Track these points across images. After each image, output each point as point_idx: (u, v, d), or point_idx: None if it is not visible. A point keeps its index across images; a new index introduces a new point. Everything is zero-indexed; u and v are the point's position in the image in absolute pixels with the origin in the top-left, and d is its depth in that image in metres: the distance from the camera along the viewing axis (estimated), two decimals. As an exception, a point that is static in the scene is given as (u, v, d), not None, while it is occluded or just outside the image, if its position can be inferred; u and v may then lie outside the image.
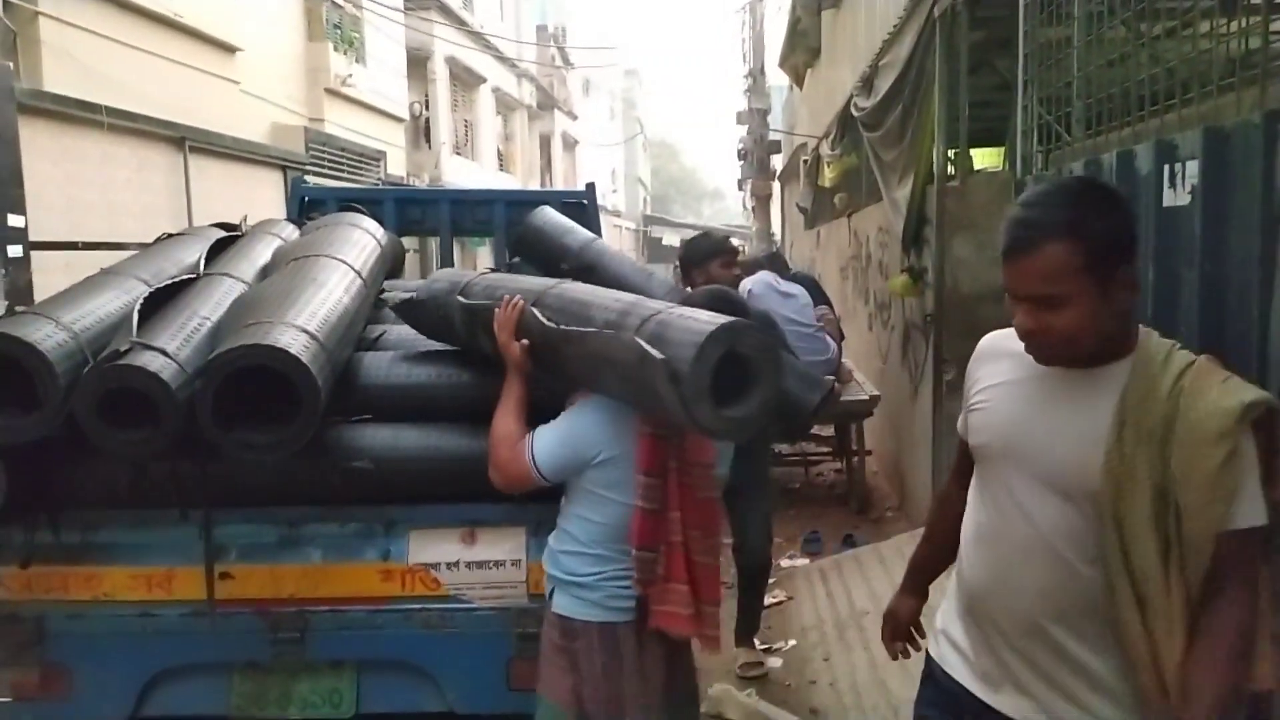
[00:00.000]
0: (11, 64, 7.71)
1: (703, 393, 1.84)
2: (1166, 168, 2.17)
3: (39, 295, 7.15)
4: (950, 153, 4.78)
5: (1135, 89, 2.51)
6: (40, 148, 7.97)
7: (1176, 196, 2.13)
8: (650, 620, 2.21)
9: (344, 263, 2.90)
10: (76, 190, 8.46)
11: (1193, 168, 2.06)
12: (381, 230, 3.50)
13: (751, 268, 6.93)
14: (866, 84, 6.43)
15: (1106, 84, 2.72)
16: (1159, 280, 2.22)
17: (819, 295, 6.86)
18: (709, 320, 1.91)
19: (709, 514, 2.27)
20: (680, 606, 2.20)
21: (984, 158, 8.60)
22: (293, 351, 2.19)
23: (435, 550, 2.55)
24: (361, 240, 3.21)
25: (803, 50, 12.89)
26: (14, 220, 7.43)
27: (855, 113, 6.70)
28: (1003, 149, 6.63)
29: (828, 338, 6.40)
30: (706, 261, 4.04)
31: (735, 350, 1.88)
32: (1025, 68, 3.33)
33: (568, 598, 2.28)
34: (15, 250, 7.44)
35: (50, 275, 7.49)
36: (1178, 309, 2.14)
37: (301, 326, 2.32)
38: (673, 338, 1.90)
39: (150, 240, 3.24)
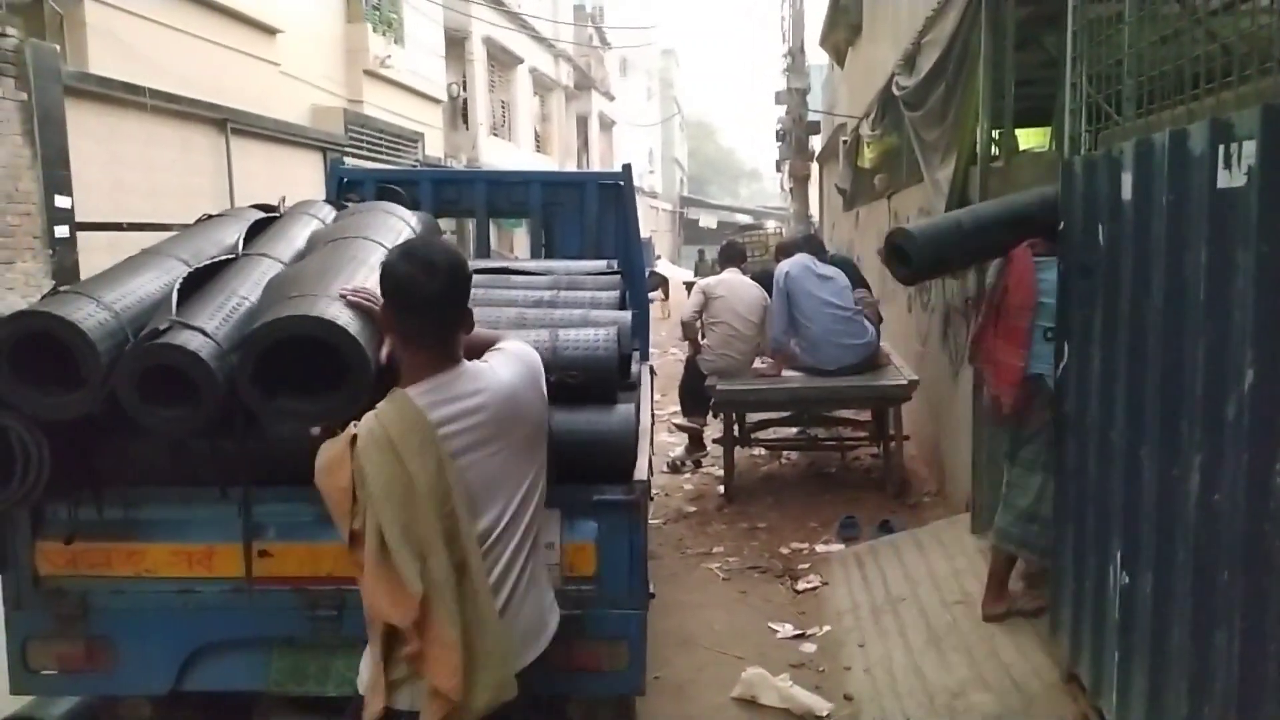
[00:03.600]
0: (58, 46, 7.83)
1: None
2: (1221, 148, 2.10)
3: (84, 275, 7.29)
4: (994, 132, 4.68)
5: (1189, 66, 2.43)
6: (86, 129, 8.11)
7: (1232, 178, 2.06)
8: None
9: (381, 245, 2.91)
10: (121, 171, 8.60)
11: (1249, 148, 1.99)
12: (415, 217, 3.50)
13: (790, 249, 6.87)
14: (909, 62, 6.31)
15: (1159, 61, 2.64)
16: (1212, 264, 2.15)
17: (857, 278, 6.79)
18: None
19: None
20: None
21: (1029, 138, 8.41)
22: (340, 323, 2.20)
23: (470, 531, 2.55)
24: (396, 226, 3.22)
25: (844, 28, 12.69)
26: (61, 201, 7.58)
27: (897, 91, 6.59)
28: (1049, 129, 6.48)
29: (866, 321, 6.34)
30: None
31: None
32: (1074, 44, 3.24)
33: None
34: (62, 231, 7.60)
35: (94, 255, 7.64)
36: (1232, 293, 2.07)
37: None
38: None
39: (192, 221, 3.28)
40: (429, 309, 2.01)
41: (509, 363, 2.15)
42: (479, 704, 1.98)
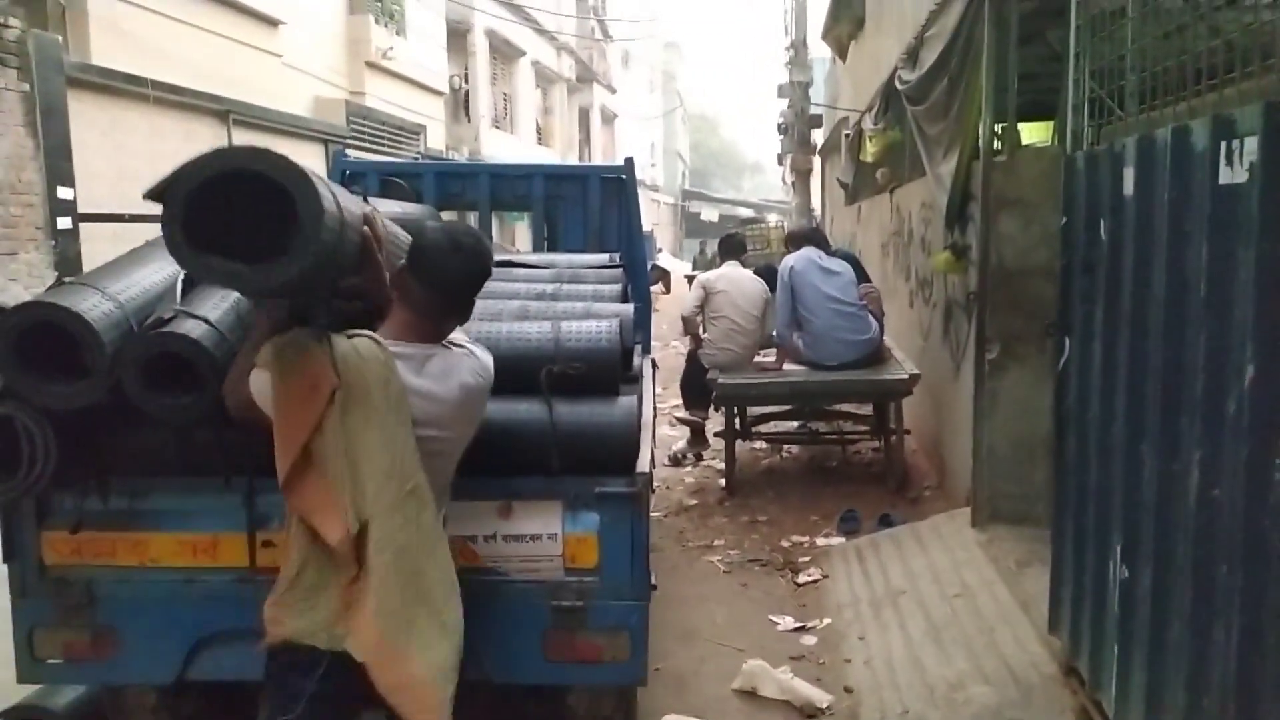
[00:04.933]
0: (61, 37, 7.83)
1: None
2: (1223, 144, 2.10)
3: (87, 266, 7.29)
4: (997, 127, 4.67)
5: (1192, 62, 2.43)
6: (88, 120, 8.10)
7: (1234, 174, 2.07)
8: None
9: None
10: (124, 162, 8.59)
11: (1251, 144, 2.00)
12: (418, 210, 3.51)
13: (798, 241, 6.86)
14: (912, 56, 6.31)
15: (1162, 56, 2.64)
16: (1213, 260, 2.16)
17: (861, 273, 6.79)
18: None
19: None
20: None
21: (1032, 132, 8.41)
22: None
23: (472, 522, 2.57)
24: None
25: (847, 21, 12.67)
26: (63, 192, 7.58)
27: (899, 86, 6.58)
28: (1052, 123, 6.47)
29: (870, 316, 6.34)
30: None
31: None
32: (1077, 39, 3.24)
33: None
34: (65, 222, 7.60)
35: (97, 245, 7.64)
36: (1233, 289, 2.08)
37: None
38: None
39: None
40: (447, 289, 2.16)
41: (478, 371, 2.26)
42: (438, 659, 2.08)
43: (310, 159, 11.82)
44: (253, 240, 1.76)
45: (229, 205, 1.78)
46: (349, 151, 11.05)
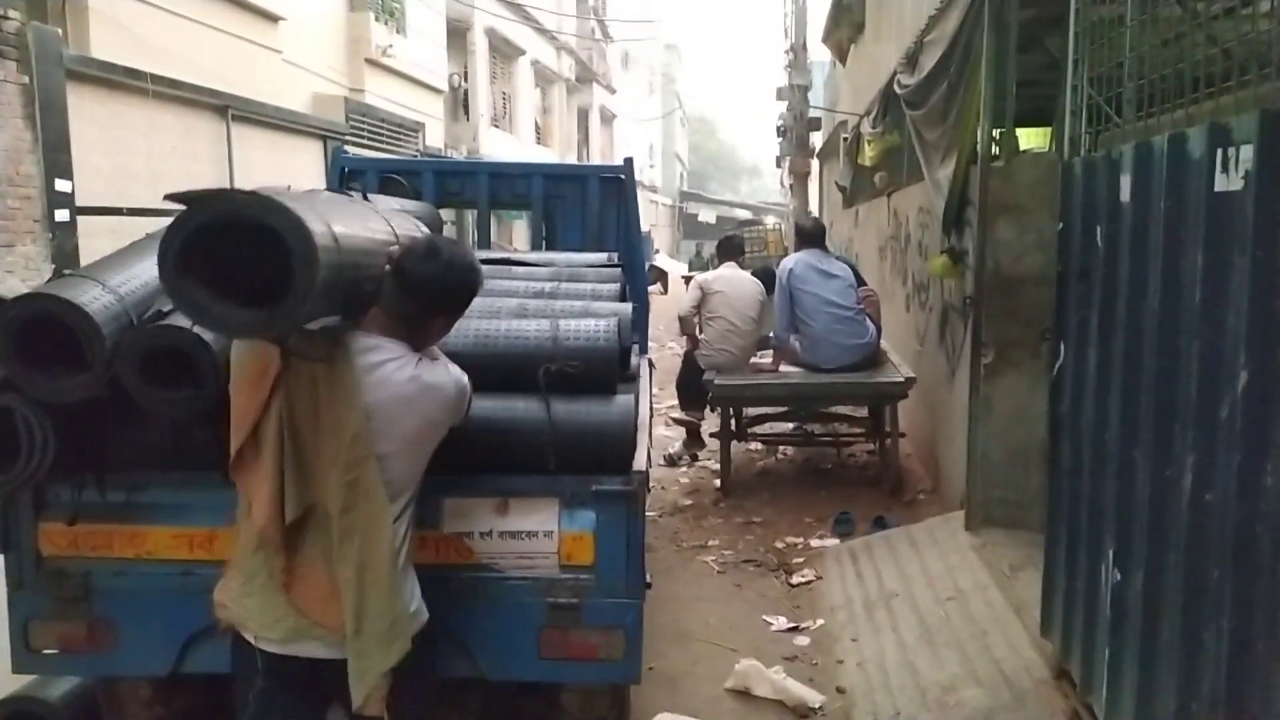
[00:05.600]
0: (60, 30, 7.82)
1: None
2: (1219, 151, 2.12)
3: (84, 259, 7.29)
4: (995, 132, 4.69)
5: (1189, 70, 2.45)
6: (87, 114, 8.09)
7: (1229, 181, 2.08)
8: None
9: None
10: (122, 157, 8.58)
11: (1247, 152, 2.01)
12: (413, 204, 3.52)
13: (807, 236, 6.83)
14: (911, 61, 6.32)
15: (1159, 64, 2.66)
16: (1208, 267, 2.17)
17: (857, 278, 6.80)
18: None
19: None
20: None
21: (1030, 138, 8.43)
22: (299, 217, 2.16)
23: (468, 519, 2.58)
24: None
25: (847, 25, 12.69)
26: (61, 185, 7.57)
27: (898, 90, 6.59)
28: (1050, 130, 6.49)
29: (868, 321, 6.36)
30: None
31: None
32: (1075, 46, 3.26)
33: None
34: (63, 215, 7.59)
35: (95, 239, 7.63)
36: (1228, 297, 2.10)
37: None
38: None
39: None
40: (418, 294, 2.17)
41: (443, 383, 2.24)
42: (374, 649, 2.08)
43: (309, 155, 11.83)
44: (248, 268, 1.85)
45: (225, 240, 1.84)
46: (348, 148, 11.06)
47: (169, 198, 1.94)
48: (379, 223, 2.51)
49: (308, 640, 2.11)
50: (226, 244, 1.84)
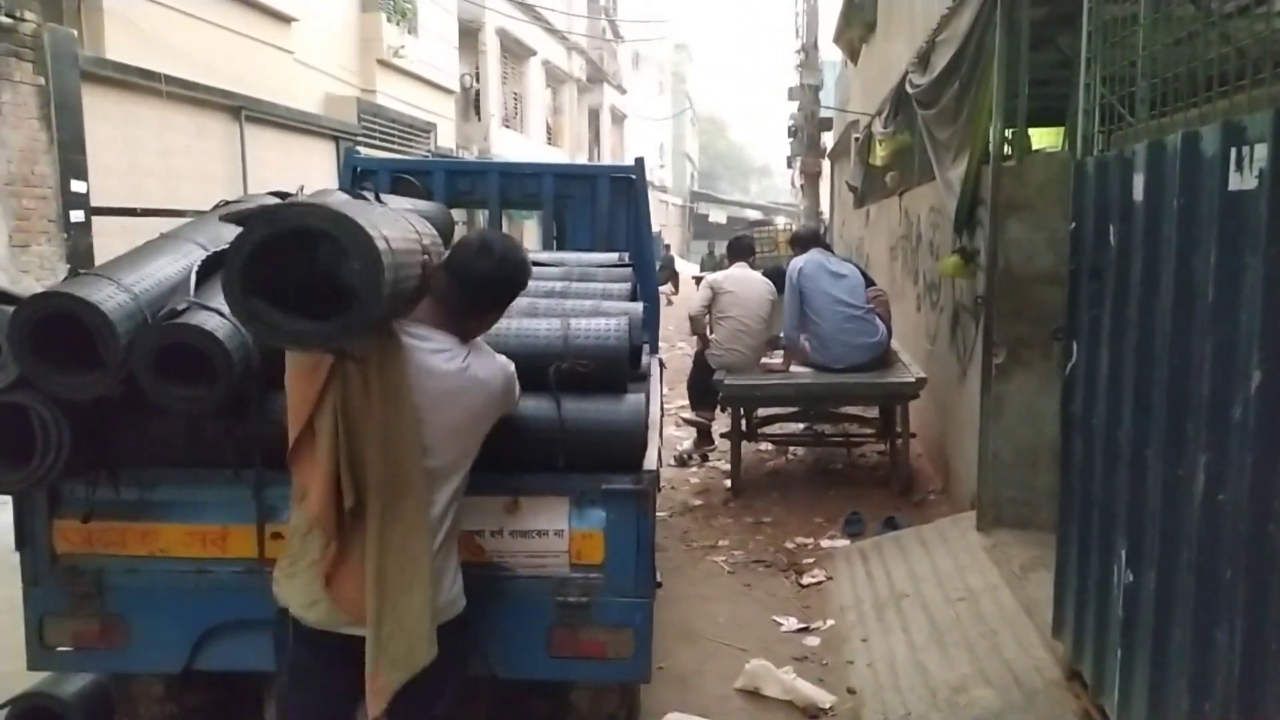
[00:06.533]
0: (75, 32, 7.87)
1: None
2: (1233, 150, 2.11)
3: (99, 259, 7.34)
4: (1007, 132, 4.67)
5: (1203, 68, 2.44)
6: (102, 114, 8.14)
7: (1243, 180, 2.08)
8: None
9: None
10: (136, 156, 8.63)
11: (1261, 150, 2.01)
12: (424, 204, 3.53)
13: (805, 242, 6.86)
14: (922, 60, 6.31)
15: (1173, 63, 2.65)
16: (1221, 266, 2.17)
17: (866, 279, 6.80)
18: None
19: None
20: None
21: (1042, 137, 8.39)
22: (360, 222, 2.17)
23: (478, 517, 2.59)
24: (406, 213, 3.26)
25: (858, 25, 12.66)
26: (77, 186, 7.62)
27: (910, 90, 6.58)
28: (1062, 129, 6.46)
29: (878, 320, 6.35)
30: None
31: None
32: (1088, 45, 3.24)
33: None
34: (77, 215, 7.64)
35: (109, 239, 7.68)
36: (1241, 295, 2.09)
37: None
38: None
39: (207, 207, 3.31)
40: (470, 285, 2.25)
41: (493, 371, 2.32)
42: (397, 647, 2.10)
43: (321, 156, 11.87)
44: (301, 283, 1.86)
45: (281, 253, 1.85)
46: (359, 149, 11.10)
47: (224, 219, 2.00)
48: (407, 224, 2.52)
49: (342, 625, 2.14)
50: (270, 256, 1.84)
